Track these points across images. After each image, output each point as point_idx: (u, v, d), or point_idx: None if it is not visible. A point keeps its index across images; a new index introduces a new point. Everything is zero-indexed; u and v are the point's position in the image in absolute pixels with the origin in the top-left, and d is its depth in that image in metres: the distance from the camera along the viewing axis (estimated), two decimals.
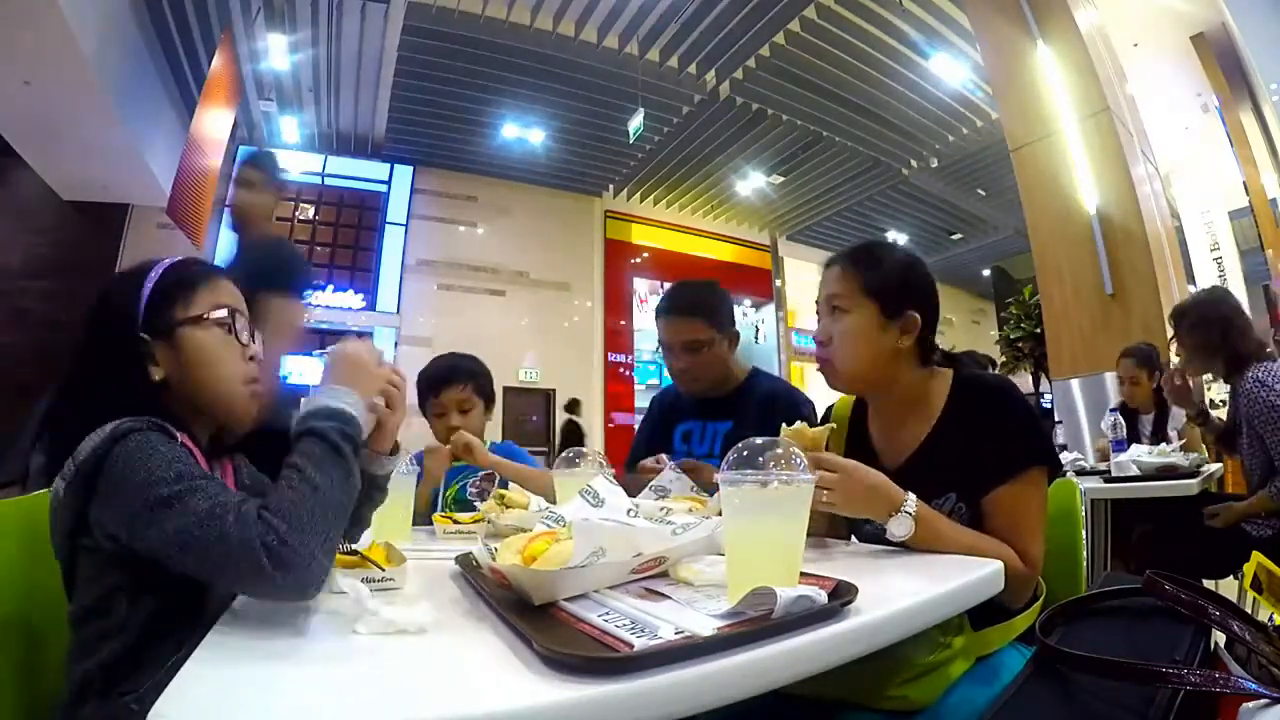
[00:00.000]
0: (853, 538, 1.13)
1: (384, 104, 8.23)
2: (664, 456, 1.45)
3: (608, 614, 0.59)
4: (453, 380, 1.72)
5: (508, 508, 1.16)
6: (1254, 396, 1.99)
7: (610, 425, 9.98)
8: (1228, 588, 1.97)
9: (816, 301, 1.12)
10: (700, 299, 1.66)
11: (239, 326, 0.87)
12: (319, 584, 0.62)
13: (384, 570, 0.75)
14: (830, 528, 1.12)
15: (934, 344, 1.09)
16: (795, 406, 1.58)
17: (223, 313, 0.86)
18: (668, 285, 1.97)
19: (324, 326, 8.75)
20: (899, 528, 0.88)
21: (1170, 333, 2.27)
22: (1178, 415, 2.94)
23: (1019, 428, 0.98)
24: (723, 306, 1.67)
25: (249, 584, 0.61)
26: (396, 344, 8.97)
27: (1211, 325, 2.12)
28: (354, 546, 0.80)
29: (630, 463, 1.74)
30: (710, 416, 1.69)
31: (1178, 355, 2.30)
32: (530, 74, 7.67)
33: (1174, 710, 0.58)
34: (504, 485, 1.42)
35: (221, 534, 0.61)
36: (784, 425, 0.97)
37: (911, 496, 0.90)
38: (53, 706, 0.73)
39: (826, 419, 1.24)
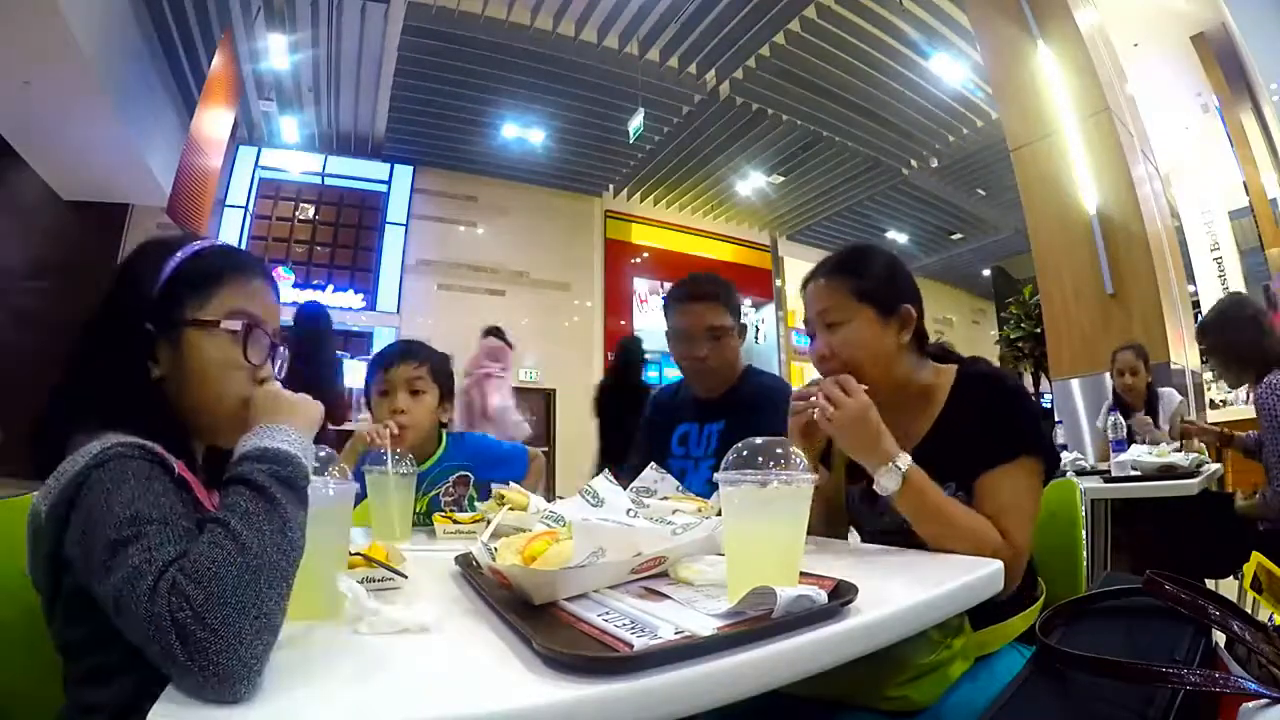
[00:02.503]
0: (852, 536, 1.14)
1: (384, 104, 8.22)
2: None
3: (608, 614, 0.59)
4: (406, 357, 1.49)
5: (510, 509, 1.15)
6: (1260, 400, 1.98)
7: None
8: (1228, 588, 1.97)
9: (805, 321, 1.11)
10: (718, 284, 1.65)
11: (252, 342, 0.74)
12: (252, 676, 0.47)
13: (384, 569, 0.75)
14: (830, 528, 1.12)
15: (925, 333, 1.09)
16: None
17: (237, 323, 0.73)
18: (668, 285, 1.95)
19: None
20: (888, 480, 0.90)
21: (1199, 348, 2.25)
22: (1168, 406, 2.95)
23: (1016, 416, 0.98)
24: (735, 296, 1.67)
25: (170, 673, 0.48)
26: None
27: (1242, 332, 2.10)
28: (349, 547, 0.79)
29: (631, 467, 1.72)
30: (706, 418, 1.68)
31: (1210, 369, 2.28)
32: (530, 74, 7.66)
33: (1174, 710, 0.58)
34: (486, 489, 1.27)
35: (135, 602, 0.49)
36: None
37: (907, 456, 0.91)
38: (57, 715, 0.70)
39: None
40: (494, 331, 4.22)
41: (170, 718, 0.43)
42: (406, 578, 0.75)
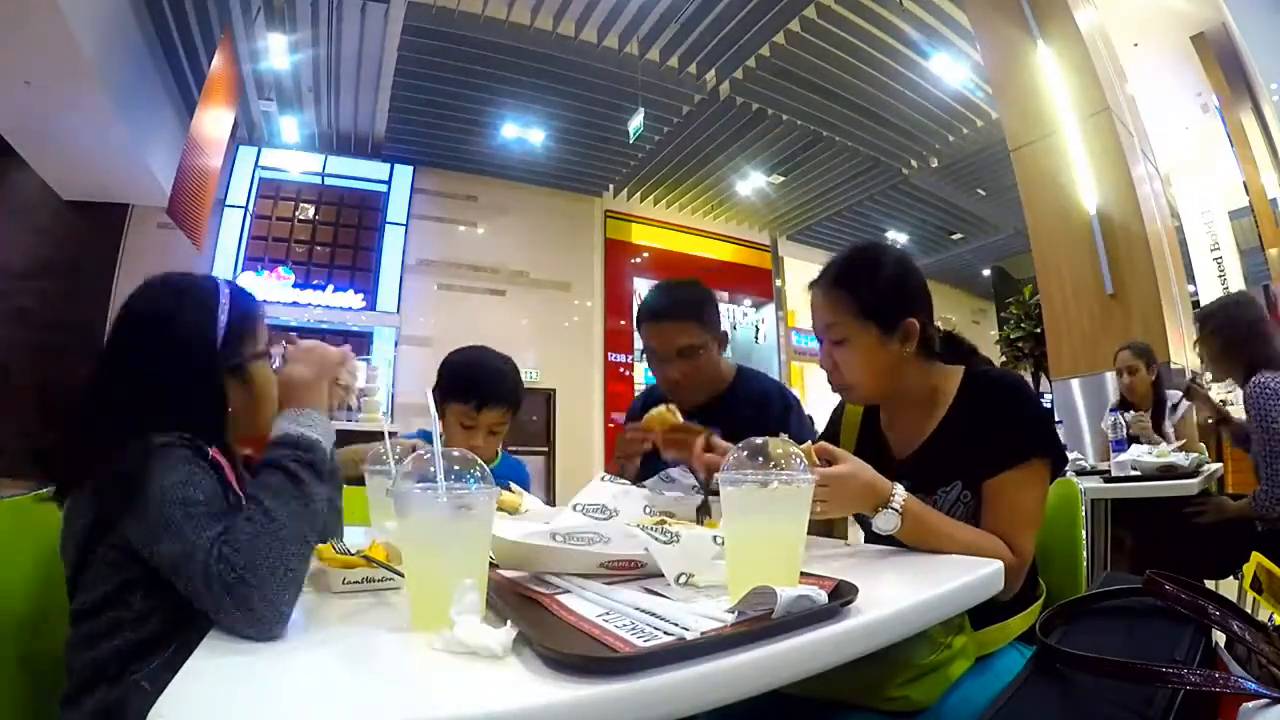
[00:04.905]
0: (852, 536, 1.14)
1: (384, 104, 8.21)
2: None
3: (608, 614, 0.59)
4: (498, 403, 1.54)
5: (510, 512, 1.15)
6: (1250, 399, 1.99)
7: (610, 425, 9.98)
8: (1228, 588, 1.97)
9: (813, 324, 1.12)
10: (689, 299, 1.52)
11: (275, 357, 0.92)
12: (284, 620, 0.61)
13: (384, 569, 0.75)
14: (830, 528, 1.12)
15: (933, 336, 1.09)
16: (786, 407, 1.54)
17: (280, 347, 0.91)
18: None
19: (324, 326, 8.75)
20: (884, 522, 0.88)
21: (1195, 336, 2.28)
22: (1179, 409, 2.95)
23: (1025, 419, 0.98)
24: (711, 306, 1.55)
25: (219, 620, 0.62)
26: (397, 344, 8.96)
27: (1237, 330, 2.13)
28: (350, 547, 0.80)
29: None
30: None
31: (1200, 357, 2.31)
32: (530, 74, 7.66)
33: (1174, 710, 0.58)
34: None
35: (194, 570, 0.64)
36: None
37: (900, 490, 0.89)
38: (62, 699, 0.74)
39: (837, 416, 1.24)
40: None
41: (171, 717, 0.43)
42: (399, 587, 0.75)
